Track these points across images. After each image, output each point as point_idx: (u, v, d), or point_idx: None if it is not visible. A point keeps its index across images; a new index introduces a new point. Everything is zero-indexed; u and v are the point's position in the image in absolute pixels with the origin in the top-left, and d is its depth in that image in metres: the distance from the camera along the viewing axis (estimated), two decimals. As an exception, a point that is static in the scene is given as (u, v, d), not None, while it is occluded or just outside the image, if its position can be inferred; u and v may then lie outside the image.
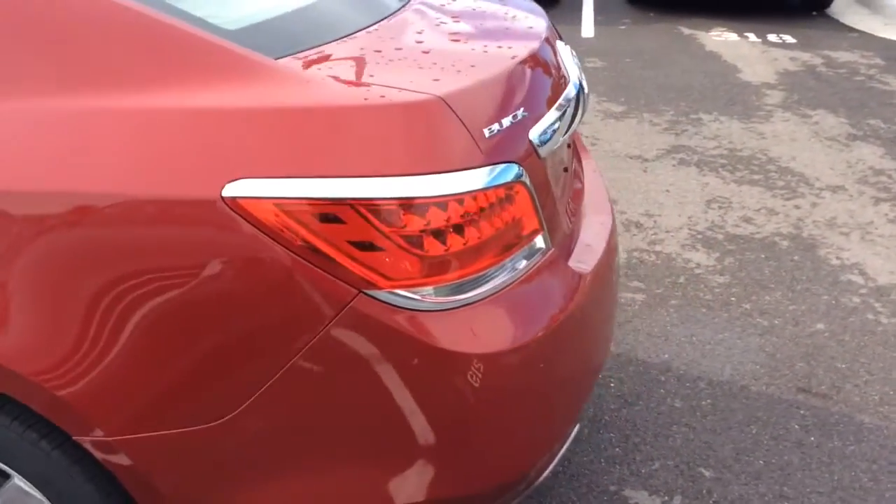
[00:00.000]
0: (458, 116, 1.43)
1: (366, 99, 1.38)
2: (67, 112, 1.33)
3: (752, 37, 7.88)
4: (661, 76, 6.47)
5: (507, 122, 1.53)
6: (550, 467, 1.72)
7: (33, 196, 1.32)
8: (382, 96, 1.39)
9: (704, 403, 2.66)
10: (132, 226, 1.32)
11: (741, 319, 3.12)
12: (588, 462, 2.40)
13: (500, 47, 1.72)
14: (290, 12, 1.66)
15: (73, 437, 1.41)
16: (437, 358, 1.41)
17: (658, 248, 3.67)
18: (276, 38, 1.54)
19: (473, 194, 1.43)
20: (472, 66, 1.59)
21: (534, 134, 1.60)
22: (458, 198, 1.41)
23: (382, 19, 1.78)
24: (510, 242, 1.54)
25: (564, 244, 1.80)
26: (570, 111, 1.79)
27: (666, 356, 2.89)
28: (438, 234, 1.39)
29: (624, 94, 5.97)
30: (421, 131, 1.39)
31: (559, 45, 1.95)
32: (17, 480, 1.49)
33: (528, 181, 1.55)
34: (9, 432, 1.44)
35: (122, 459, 1.41)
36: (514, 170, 1.51)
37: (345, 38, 1.64)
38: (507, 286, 1.53)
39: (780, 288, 3.35)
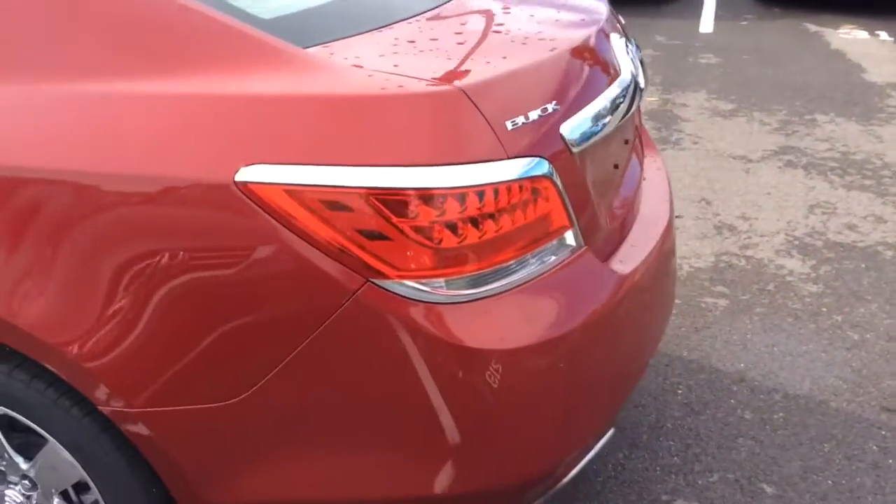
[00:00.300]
0: (477, 108, 1.41)
1: (383, 88, 1.38)
2: (98, 95, 1.40)
3: (883, 35, 7.43)
4: (779, 74, 6.19)
5: (534, 115, 1.50)
6: (578, 468, 1.68)
7: (67, 174, 1.39)
8: (401, 86, 1.39)
9: (776, 417, 2.54)
10: (153, 206, 1.37)
11: (829, 331, 2.96)
12: (643, 469, 2.33)
13: (542, 39, 1.70)
14: (330, 2, 1.68)
15: (98, 407, 1.48)
16: (447, 351, 1.41)
17: (750, 252, 3.52)
18: (310, 27, 1.57)
19: (491, 187, 1.41)
20: (504, 57, 1.57)
21: (566, 129, 1.56)
22: (474, 190, 1.39)
23: (427, 10, 1.78)
24: (533, 238, 1.51)
25: (605, 243, 1.75)
26: (619, 106, 1.74)
27: (741, 365, 2.77)
28: (451, 226, 1.38)
29: (735, 92, 5.75)
30: (437, 122, 1.39)
31: (614, 37, 1.89)
32: (54, 444, 1.58)
33: (556, 177, 1.52)
34: (44, 398, 1.53)
35: (142, 430, 1.47)
36: (541, 164, 1.48)
37: (382, 29, 1.65)
38: (528, 282, 1.50)
39: (878, 300, 3.15)
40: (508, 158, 1.44)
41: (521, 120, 1.47)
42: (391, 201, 1.35)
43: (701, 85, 5.93)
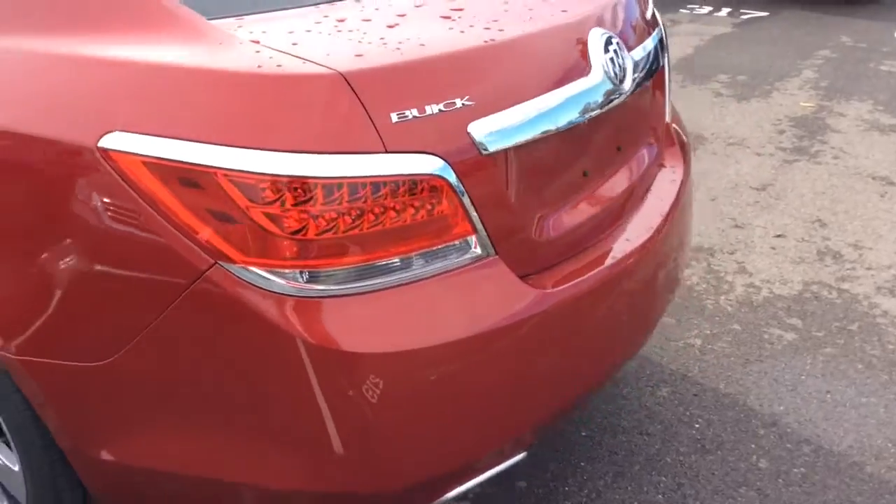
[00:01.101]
0: (356, 96, 1.35)
1: (259, 66, 1.35)
2: None
3: None
4: (973, 90, 5.49)
5: (433, 109, 1.42)
6: (464, 487, 1.59)
7: None
8: (279, 66, 1.36)
9: (795, 471, 2.28)
10: (25, 161, 1.42)
11: (901, 386, 2.61)
12: (619, 501, 2.18)
13: (488, 28, 1.59)
14: None
15: (-10, 348, 1.56)
16: (291, 345, 1.36)
17: (846, 285, 3.17)
18: None
19: (360, 181, 1.35)
20: (422, 44, 1.49)
21: (477, 128, 1.46)
22: (336, 182, 1.33)
23: None
24: (418, 239, 1.44)
25: (536, 255, 1.63)
26: (581, 110, 1.61)
27: (780, 408, 2.51)
28: (306, 217, 1.33)
29: (909, 106, 5.16)
30: (306, 106, 1.34)
31: (594, 34, 1.73)
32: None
33: (456, 178, 1.43)
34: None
35: (24, 379, 1.54)
36: (431, 163, 1.40)
37: (322, 5, 1.61)
38: (404, 285, 1.43)
39: (976, 361, 2.74)
40: (387, 152, 1.36)
41: (411, 113, 1.39)
42: (242, 184, 1.32)
43: (869, 94, 5.37)
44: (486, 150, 1.48)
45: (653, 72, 1.99)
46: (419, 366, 1.43)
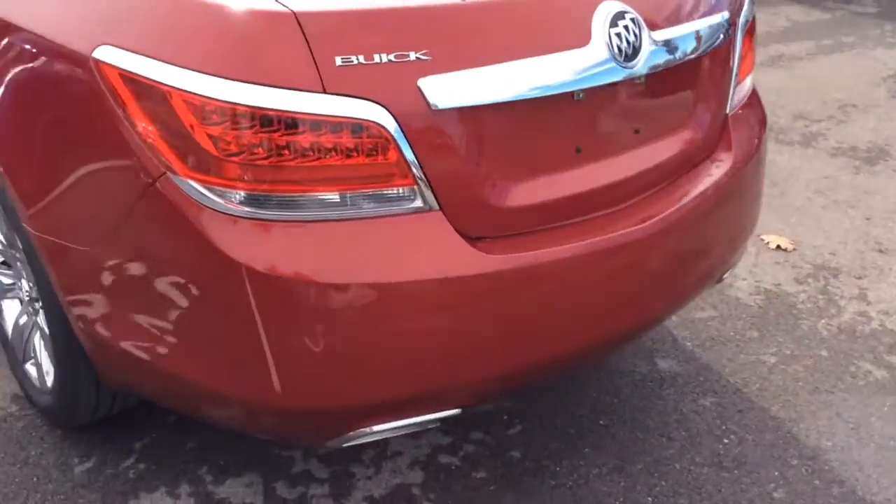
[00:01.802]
0: (303, 35, 1.46)
1: None
2: None
3: None
4: None
5: (382, 58, 1.50)
6: (385, 426, 1.67)
7: None
8: None
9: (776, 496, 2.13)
10: (34, 56, 1.66)
11: (985, 451, 2.33)
12: (605, 493, 2.15)
13: None
14: None
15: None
16: (218, 259, 1.51)
17: (978, 334, 2.84)
18: None
19: (294, 115, 1.46)
20: (393, -5, 1.56)
21: (429, 83, 1.52)
22: (270, 113, 1.45)
23: None
24: (351, 180, 1.53)
25: (496, 219, 1.66)
26: (559, 79, 1.62)
27: (828, 443, 2.34)
28: (239, 142, 1.47)
29: None
30: (254, 40, 1.47)
31: (607, 7, 1.71)
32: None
33: (398, 128, 1.50)
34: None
35: (41, 253, 1.81)
36: (371, 109, 1.48)
37: None
38: (333, 221, 1.53)
39: None
40: (325, 93, 1.46)
41: (357, 59, 1.48)
42: (191, 104, 1.47)
43: None
44: (436, 106, 1.53)
45: (700, 56, 1.92)
46: (335, 298, 1.52)
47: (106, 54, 1.55)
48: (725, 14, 2.01)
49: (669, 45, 1.83)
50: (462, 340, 1.63)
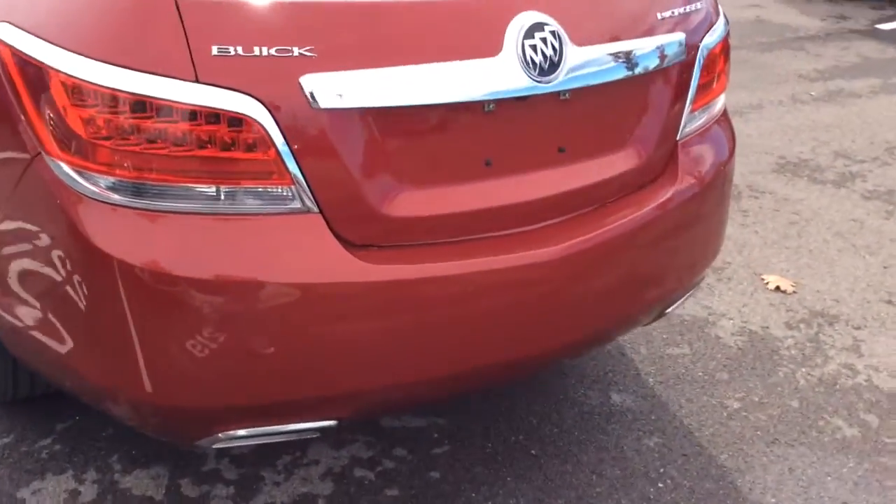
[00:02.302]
0: (181, 22, 1.44)
1: (108, -18, 1.49)
2: None
3: None
4: None
5: (263, 51, 1.47)
6: (250, 431, 1.64)
7: None
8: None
9: (734, 568, 2.01)
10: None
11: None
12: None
13: None
14: None
15: None
16: (78, 242, 1.50)
17: None
18: None
19: (163, 102, 1.44)
20: (289, -11, 1.53)
21: (310, 81, 1.49)
22: (142, 99, 1.44)
23: None
24: (221, 174, 1.51)
25: (385, 228, 1.61)
26: (459, 88, 1.57)
27: (771, 500, 2.21)
28: (108, 126, 1.45)
29: None
30: (133, 25, 1.47)
31: (525, 17, 1.65)
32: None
33: (273, 124, 1.47)
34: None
35: None
36: (243, 102, 1.46)
37: None
38: (201, 214, 1.50)
39: None
40: (197, 82, 1.44)
41: (235, 50, 1.46)
42: (66, 84, 1.47)
43: None
44: (317, 105, 1.49)
45: (642, 76, 1.84)
46: (197, 295, 1.49)
47: (4, 32, 1.56)
48: (679, 36, 1.92)
49: (600, 63, 1.75)
50: (332, 349, 1.58)
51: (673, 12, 1.92)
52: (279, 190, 1.52)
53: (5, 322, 1.75)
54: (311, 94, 1.48)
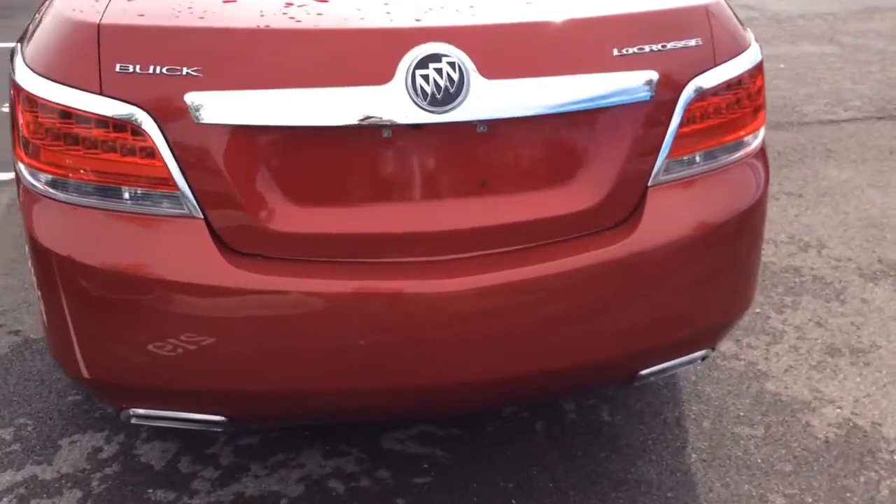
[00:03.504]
0: (98, 44, 1.70)
1: (72, 10, 1.78)
2: None
3: None
4: None
5: (157, 70, 1.68)
6: (151, 412, 1.84)
7: None
8: (73, 10, 1.76)
9: None
10: None
11: None
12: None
13: (290, 17, 1.72)
14: None
15: None
16: (30, 237, 1.80)
17: None
18: None
19: (72, 110, 1.70)
20: (202, 17, 1.72)
21: (194, 98, 1.66)
22: (59, 107, 1.71)
23: None
24: (122, 177, 1.72)
25: (271, 239, 1.73)
26: (345, 114, 1.67)
27: None
28: (40, 129, 1.74)
29: None
30: (62, 43, 1.75)
31: (422, 48, 1.67)
32: None
33: (160, 135, 1.68)
34: None
35: None
36: (133, 114, 1.68)
37: None
38: (108, 210, 1.73)
39: None
40: (101, 95, 1.68)
41: (133, 68, 1.68)
42: (23, 96, 1.77)
43: None
44: (200, 120, 1.65)
45: (593, 113, 1.76)
46: (93, 281, 1.73)
47: (16, 60, 1.90)
48: (647, 74, 1.78)
49: (519, 98, 1.71)
50: (202, 347, 1.72)
51: (641, 48, 1.79)
52: (168, 195, 1.70)
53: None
54: (195, 110, 1.64)
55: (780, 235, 3.64)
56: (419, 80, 1.66)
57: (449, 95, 1.67)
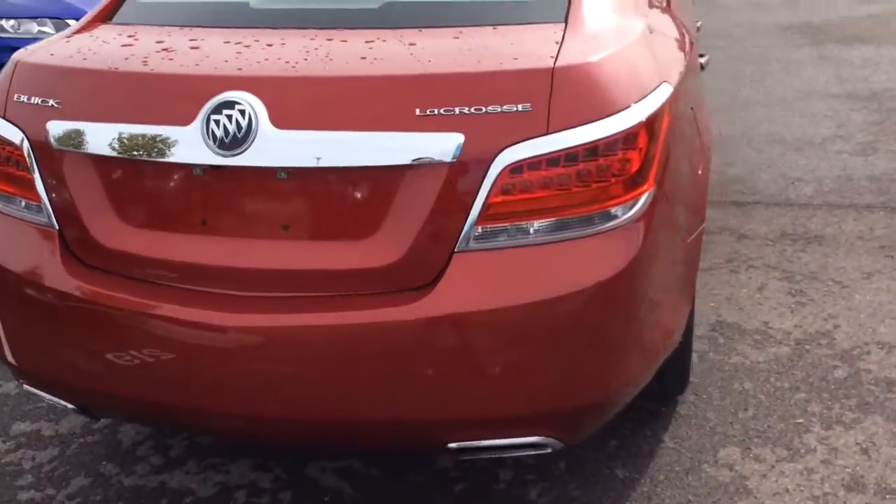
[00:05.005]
0: (12, 78, 2.09)
1: (31, 52, 2.18)
2: None
3: None
4: None
5: (34, 101, 2.03)
6: (32, 390, 2.18)
7: None
8: (32, 52, 2.16)
9: None
10: None
11: None
12: None
13: (145, 61, 1.97)
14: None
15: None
16: None
17: None
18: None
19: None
20: (85, 58, 2.04)
21: (53, 126, 1.99)
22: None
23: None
24: (14, 183, 2.09)
25: (105, 255, 1.99)
26: (152, 150, 1.87)
27: None
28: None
29: None
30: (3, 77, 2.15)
31: (226, 95, 1.82)
32: None
33: (29, 152, 2.02)
34: None
35: None
36: (12, 133, 2.04)
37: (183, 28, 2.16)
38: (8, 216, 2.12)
39: None
40: (3, 118, 2.07)
41: (20, 98, 2.05)
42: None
43: None
44: (54, 145, 1.96)
45: (384, 169, 1.79)
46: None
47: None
48: (451, 137, 1.74)
49: (305, 148, 1.78)
50: (46, 338, 2.01)
51: (448, 110, 1.74)
52: (34, 204, 2.02)
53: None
54: (51, 136, 1.95)
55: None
56: (212, 125, 1.80)
57: (236, 140, 1.78)
